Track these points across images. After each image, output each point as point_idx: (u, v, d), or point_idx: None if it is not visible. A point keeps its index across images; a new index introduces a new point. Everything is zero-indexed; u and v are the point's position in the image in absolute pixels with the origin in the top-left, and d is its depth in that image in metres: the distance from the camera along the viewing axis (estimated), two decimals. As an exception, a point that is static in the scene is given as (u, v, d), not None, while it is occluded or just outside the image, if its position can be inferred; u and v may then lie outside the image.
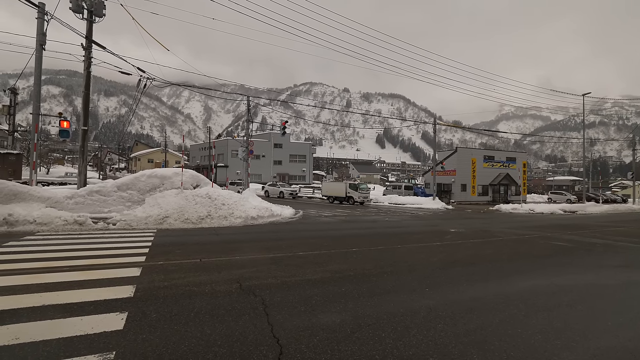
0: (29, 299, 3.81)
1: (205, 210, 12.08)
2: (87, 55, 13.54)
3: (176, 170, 14.73)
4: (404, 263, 6.58)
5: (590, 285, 5.52)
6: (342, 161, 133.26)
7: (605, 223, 17.61)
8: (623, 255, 8.51)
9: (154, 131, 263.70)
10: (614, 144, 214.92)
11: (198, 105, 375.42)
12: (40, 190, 11.30)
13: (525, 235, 11.53)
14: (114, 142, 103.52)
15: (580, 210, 27.03)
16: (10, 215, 9.23)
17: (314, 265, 6.01)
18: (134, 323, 3.30)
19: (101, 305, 3.72)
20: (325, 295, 4.39)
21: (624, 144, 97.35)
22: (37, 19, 12.68)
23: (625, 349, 3.20)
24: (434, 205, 27.29)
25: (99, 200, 12.12)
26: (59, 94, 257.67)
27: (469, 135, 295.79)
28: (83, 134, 14.01)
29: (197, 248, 7.38)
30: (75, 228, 9.47)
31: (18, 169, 15.37)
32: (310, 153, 67.60)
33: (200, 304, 3.90)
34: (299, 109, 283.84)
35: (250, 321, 3.46)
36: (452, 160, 38.14)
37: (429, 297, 4.49)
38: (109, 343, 2.89)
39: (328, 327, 3.39)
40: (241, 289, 4.52)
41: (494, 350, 3.04)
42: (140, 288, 4.37)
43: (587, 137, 35.29)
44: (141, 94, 16.02)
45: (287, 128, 27.68)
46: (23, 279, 4.57)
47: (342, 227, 12.85)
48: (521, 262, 7.21)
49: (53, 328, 3.12)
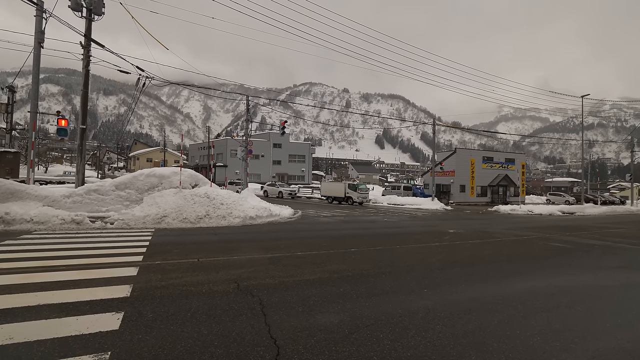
0: (24, 299, 3.77)
1: (204, 210, 12.04)
2: (85, 54, 13.49)
3: (175, 169, 14.69)
4: (402, 264, 6.57)
5: (589, 286, 5.51)
6: (341, 161, 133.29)
7: (604, 224, 17.63)
8: (621, 257, 8.51)
9: (153, 130, 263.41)
10: (612, 145, 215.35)
11: (197, 104, 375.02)
12: (38, 189, 11.25)
13: (524, 236, 11.53)
14: (113, 141, 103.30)
15: (579, 211, 27.07)
16: (6, 214, 9.17)
17: (312, 266, 5.99)
18: (130, 323, 3.28)
19: (97, 305, 3.69)
20: (323, 295, 4.36)
21: (622, 145, 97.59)
22: (36, 16, 12.62)
23: (624, 351, 3.19)
24: (432, 206, 27.28)
25: (97, 199, 12.07)
26: (57, 92, 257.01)
27: (468, 136, 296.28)
28: (81, 132, 13.96)
29: (195, 248, 7.35)
30: (72, 227, 9.42)
31: (16, 168, 15.28)
32: (310, 153, 67.59)
33: (197, 304, 3.87)
34: (298, 109, 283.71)
35: (247, 321, 3.43)
36: (451, 161, 38.17)
37: (428, 297, 4.48)
38: (104, 343, 2.86)
39: (326, 327, 3.37)
40: (239, 289, 4.50)
41: (492, 351, 3.02)
42: (137, 288, 4.34)
43: (586, 139, 35.35)
44: (140, 92, 15.97)
45: (286, 128, 27.66)
46: (19, 278, 4.53)
47: (340, 227, 12.83)
48: (520, 263, 7.20)
49: (48, 328, 3.09)
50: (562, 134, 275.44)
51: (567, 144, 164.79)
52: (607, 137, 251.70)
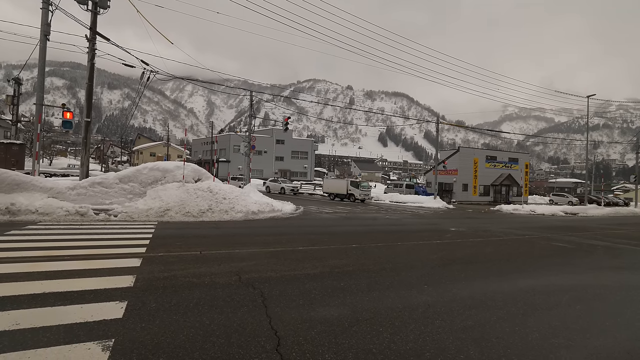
0: (29, 287, 3.83)
1: (207, 204, 12.11)
2: (91, 47, 13.54)
3: (178, 163, 14.75)
4: (403, 260, 6.59)
5: (589, 286, 5.51)
6: (344, 159, 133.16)
7: (606, 225, 17.55)
8: (623, 258, 8.49)
9: (156, 125, 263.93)
10: (617, 147, 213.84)
11: (201, 99, 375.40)
12: (43, 181, 11.35)
13: (526, 236, 11.52)
14: (117, 135, 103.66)
15: (582, 212, 26.95)
16: (12, 205, 9.27)
17: (313, 260, 6.03)
18: (133, 312, 3.33)
19: (101, 294, 3.75)
20: (324, 289, 4.40)
21: (627, 147, 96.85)
22: (42, 9, 12.67)
23: (622, 349, 3.20)
24: (434, 204, 27.25)
25: (101, 192, 12.16)
26: (62, 85, 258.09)
27: (471, 135, 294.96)
28: (86, 125, 14.04)
29: (197, 241, 7.41)
30: (76, 219, 9.51)
31: (21, 160, 15.42)
32: (312, 150, 67.59)
33: (200, 295, 3.92)
34: (301, 106, 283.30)
35: (248, 313, 3.48)
36: (454, 159, 38.05)
37: (428, 293, 4.50)
38: (108, 331, 2.91)
39: (326, 320, 3.41)
40: (240, 281, 4.54)
41: (491, 346, 3.05)
42: (140, 278, 4.40)
43: (591, 140, 35.17)
44: (144, 87, 16.02)
45: (289, 124, 27.62)
46: (24, 267, 4.60)
47: (342, 223, 12.86)
48: (521, 262, 7.21)
49: (53, 315, 3.14)
50: (567, 134, 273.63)
51: (572, 144, 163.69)
52: (612, 138, 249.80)
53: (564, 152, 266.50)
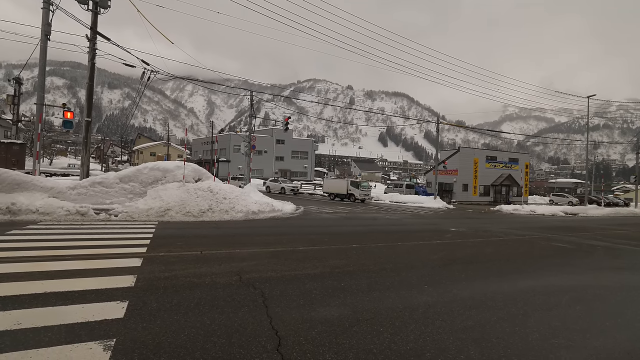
0: (31, 286, 3.84)
1: (207, 204, 12.12)
2: (91, 47, 13.54)
3: (178, 163, 14.76)
4: (403, 260, 6.60)
5: (589, 286, 5.52)
6: (344, 159, 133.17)
7: (606, 226, 17.56)
8: (623, 258, 8.50)
9: (156, 125, 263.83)
10: (617, 147, 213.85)
11: (201, 99, 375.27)
12: (43, 180, 11.36)
13: (526, 236, 11.52)
14: (117, 135, 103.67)
15: (582, 212, 26.95)
16: (13, 204, 9.28)
17: (313, 260, 6.04)
18: (134, 312, 3.33)
19: (102, 294, 3.76)
20: (324, 289, 4.41)
21: (627, 147, 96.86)
22: (43, 9, 12.68)
23: (622, 349, 3.21)
24: (435, 204, 27.26)
25: (101, 192, 12.17)
26: (62, 85, 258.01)
27: (472, 136, 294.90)
28: (86, 125, 14.05)
29: (198, 240, 7.42)
30: (77, 218, 9.52)
31: (21, 159, 15.44)
32: (313, 150, 67.59)
33: (200, 295, 3.93)
34: (302, 106, 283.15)
35: (249, 313, 3.48)
36: (454, 159, 38.05)
37: (428, 293, 4.51)
38: (109, 330, 2.92)
39: (327, 320, 3.41)
40: (241, 281, 4.55)
41: (491, 347, 3.06)
42: (141, 278, 4.40)
43: (591, 140, 35.18)
44: (145, 86, 16.03)
45: (289, 124, 27.63)
46: (25, 267, 4.61)
47: (342, 223, 12.87)
48: (521, 262, 7.22)
49: (54, 315, 3.15)
50: (567, 134, 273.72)
51: (572, 144, 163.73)
52: (612, 139, 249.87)
53: (564, 153, 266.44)
